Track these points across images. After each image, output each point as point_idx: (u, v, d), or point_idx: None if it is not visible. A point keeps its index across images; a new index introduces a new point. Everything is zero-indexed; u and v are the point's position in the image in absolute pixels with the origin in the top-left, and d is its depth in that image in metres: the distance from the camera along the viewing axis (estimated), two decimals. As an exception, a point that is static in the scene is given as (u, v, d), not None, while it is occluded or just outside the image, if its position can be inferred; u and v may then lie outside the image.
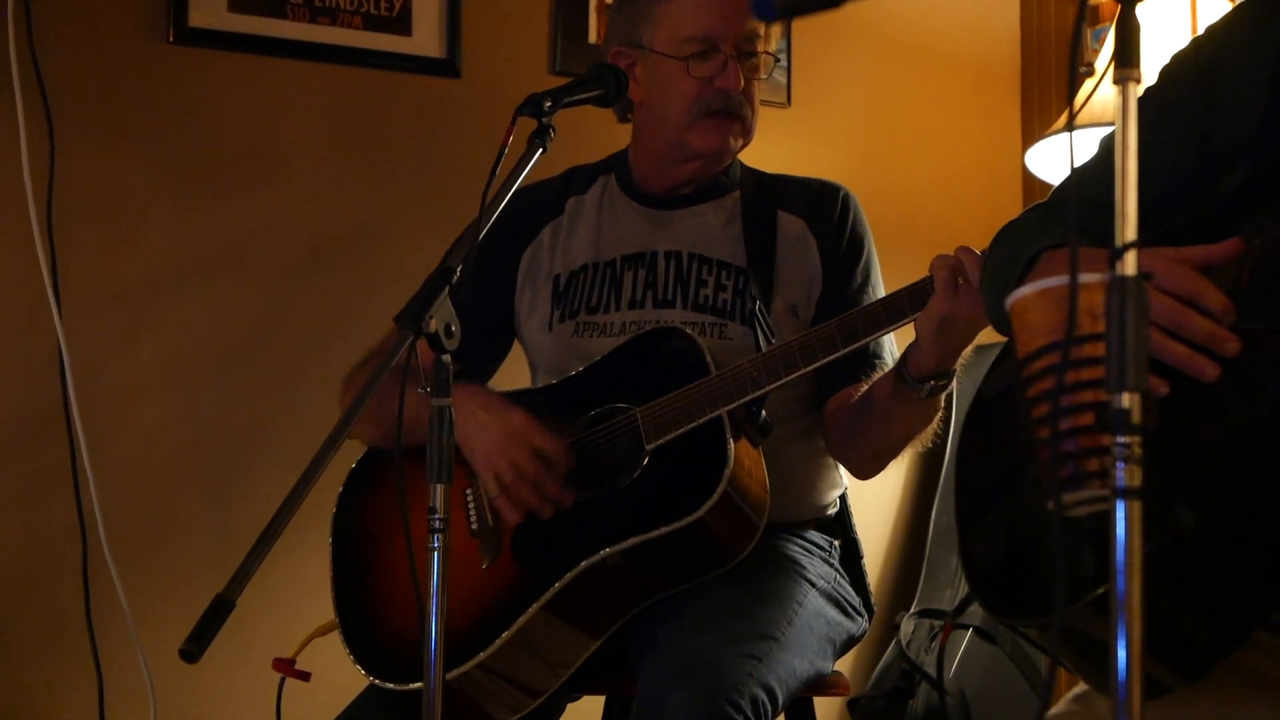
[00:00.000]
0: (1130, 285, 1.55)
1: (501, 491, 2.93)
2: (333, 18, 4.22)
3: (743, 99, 3.14)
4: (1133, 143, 1.57)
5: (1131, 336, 1.54)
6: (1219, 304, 1.91)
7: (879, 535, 4.80)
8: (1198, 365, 1.88)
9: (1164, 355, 1.89)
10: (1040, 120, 5.00)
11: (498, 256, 3.27)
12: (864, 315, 2.84)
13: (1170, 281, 1.91)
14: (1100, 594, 1.80)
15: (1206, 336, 1.89)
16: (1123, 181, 1.57)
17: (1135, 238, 1.56)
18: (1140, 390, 1.54)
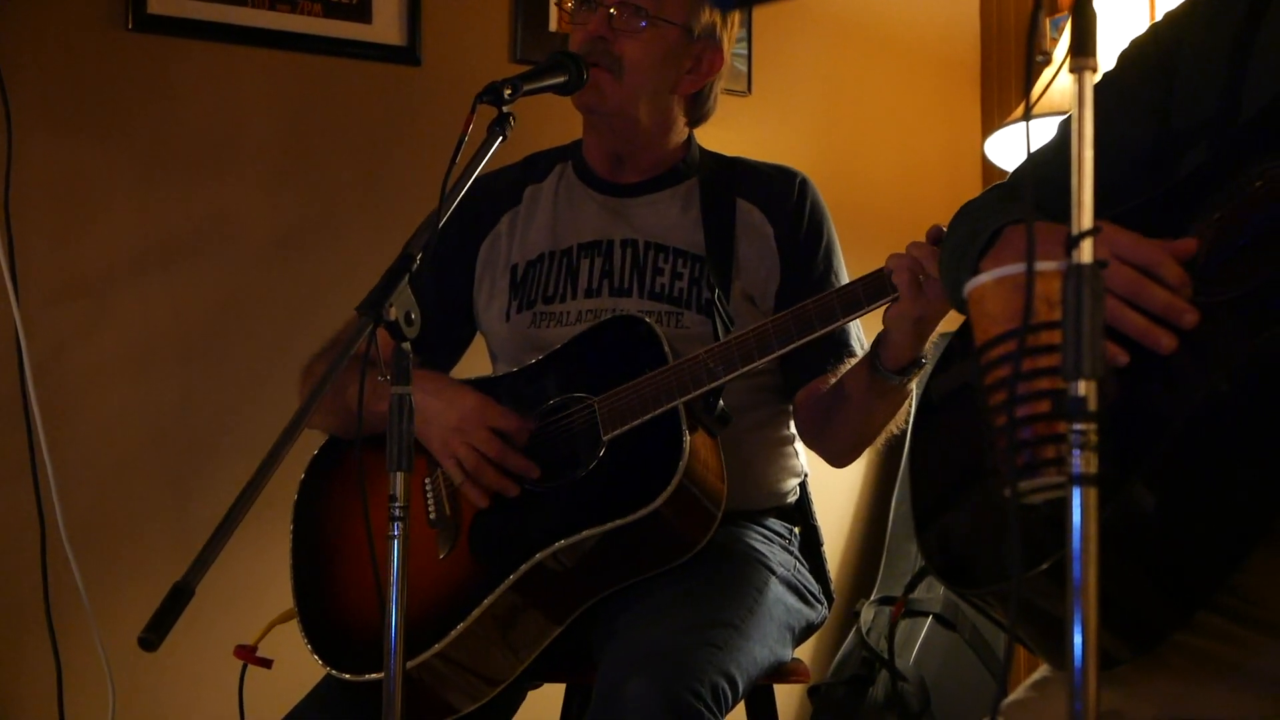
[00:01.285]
0: (1086, 273, 1.55)
1: (465, 477, 2.93)
2: (292, 5, 4.21)
3: (593, 46, 3.08)
4: (1089, 132, 1.58)
5: (1087, 324, 1.55)
6: (1176, 276, 1.92)
7: (839, 523, 4.81)
8: (1155, 336, 1.89)
9: (1122, 325, 1.90)
10: (1000, 108, 5.01)
11: (457, 246, 3.26)
12: (819, 307, 2.84)
13: (1130, 252, 1.92)
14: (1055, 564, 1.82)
15: (1165, 307, 1.90)
16: (1078, 170, 1.58)
17: (1091, 226, 1.56)
18: (1096, 378, 1.55)
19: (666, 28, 3.09)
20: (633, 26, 3.07)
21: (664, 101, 3.18)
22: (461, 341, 3.38)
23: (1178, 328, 1.90)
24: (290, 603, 3.03)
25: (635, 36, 3.07)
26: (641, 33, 3.07)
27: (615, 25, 3.06)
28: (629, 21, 3.07)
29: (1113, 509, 1.81)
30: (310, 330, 3.30)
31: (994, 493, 1.92)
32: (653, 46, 3.09)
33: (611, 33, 3.06)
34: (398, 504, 2.34)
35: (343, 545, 3.03)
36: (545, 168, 3.35)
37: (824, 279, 3.18)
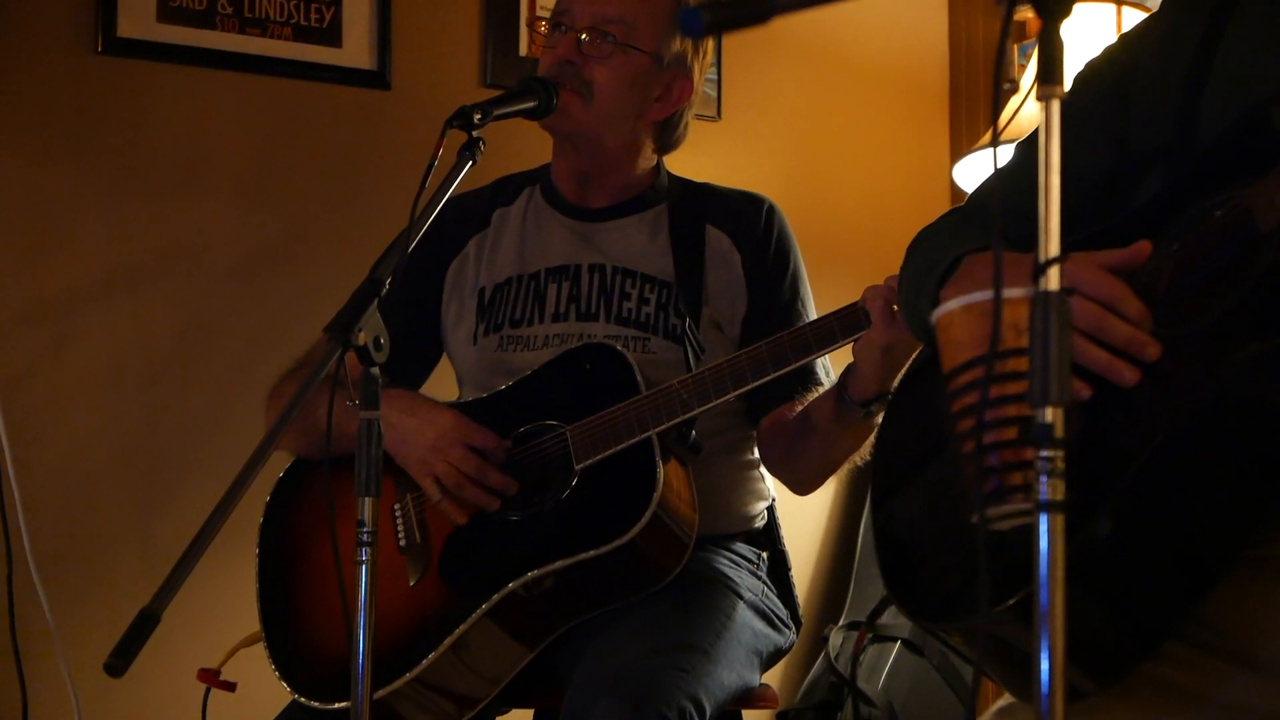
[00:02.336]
0: (1053, 300, 1.56)
1: (444, 495, 2.93)
2: (262, 29, 4.20)
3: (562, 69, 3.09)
4: (1055, 158, 1.58)
5: (1055, 351, 1.55)
6: (1137, 311, 1.92)
7: (807, 547, 4.81)
8: (1117, 370, 1.90)
9: (1085, 360, 1.91)
10: (968, 134, 5.02)
11: (425, 268, 3.25)
12: (793, 340, 2.85)
13: (1091, 288, 1.93)
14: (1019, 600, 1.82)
15: (1127, 341, 1.91)
16: (1046, 197, 1.58)
17: (1059, 253, 1.57)
18: (1063, 405, 1.55)
19: (636, 55, 3.09)
20: (602, 52, 3.07)
21: (631, 127, 3.18)
22: (428, 363, 3.38)
23: (1140, 361, 1.91)
24: (255, 625, 3.02)
25: (605, 62, 3.07)
26: (611, 58, 3.08)
27: (585, 50, 3.07)
28: (599, 47, 3.07)
29: (1078, 544, 1.81)
30: (278, 353, 3.30)
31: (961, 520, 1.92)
32: (622, 72, 3.09)
33: (581, 57, 3.07)
34: (366, 529, 2.33)
35: (310, 570, 3.02)
36: (514, 191, 3.35)
37: (790, 306, 3.19)
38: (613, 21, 3.08)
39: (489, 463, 2.93)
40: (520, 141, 3.41)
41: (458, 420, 2.97)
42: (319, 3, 4.26)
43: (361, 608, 2.31)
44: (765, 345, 2.87)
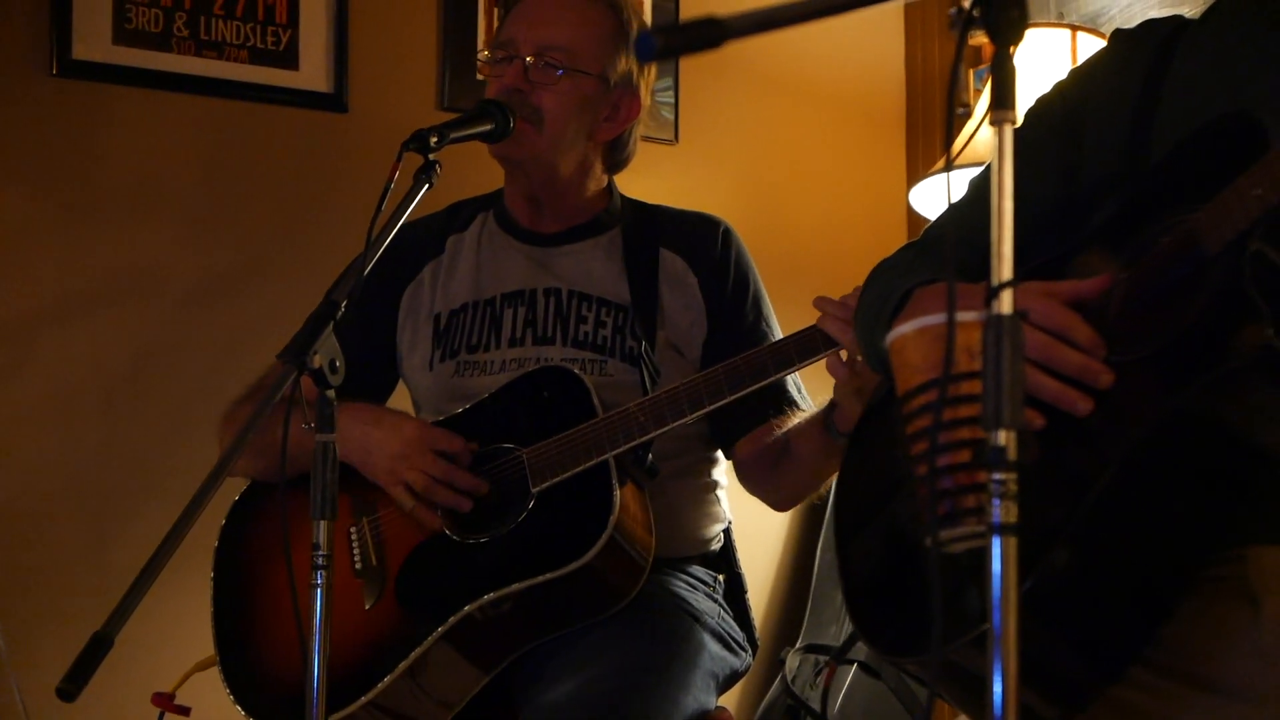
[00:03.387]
0: (1006, 324, 1.57)
1: (416, 501, 2.92)
2: (219, 51, 4.19)
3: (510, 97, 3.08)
4: (1009, 183, 1.59)
5: (1007, 374, 1.56)
6: (1088, 339, 1.94)
7: (764, 570, 4.81)
8: (1070, 399, 1.91)
9: (1037, 390, 1.92)
10: (925, 159, 5.04)
11: (380, 293, 3.25)
12: (749, 363, 2.86)
13: (1042, 317, 1.94)
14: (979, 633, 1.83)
15: (1079, 370, 1.92)
16: (999, 221, 1.59)
17: (1011, 277, 1.58)
18: (1016, 427, 1.56)
19: (582, 78, 3.10)
20: (549, 78, 3.08)
21: (582, 149, 3.19)
22: (385, 388, 3.37)
23: (1093, 389, 1.92)
24: (209, 648, 3.01)
25: (552, 88, 3.08)
26: (558, 84, 3.08)
27: (531, 77, 3.08)
28: (545, 73, 3.08)
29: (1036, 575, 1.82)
30: (234, 378, 3.29)
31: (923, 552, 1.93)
32: (570, 97, 3.10)
33: (528, 85, 3.08)
34: (321, 553, 2.33)
35: (265, 593, 3.01)
36: (467, 218, 3.35)
37: (755, 328, 3.20)
38: (556, 48, 3.09)
39: (457, 465, 2.93)
40: (473, 166, 3.41)
41: (421, 427, 2.98)
42: (276, 25, 4.25)
43: (316, 631, 2.31)
44: (722, 369, 2.88)
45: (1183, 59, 2.21)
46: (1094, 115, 2.27)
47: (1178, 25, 2.30)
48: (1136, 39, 2.31)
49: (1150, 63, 2.23)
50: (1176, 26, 2.29)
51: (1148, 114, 2.19)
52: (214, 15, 4.19)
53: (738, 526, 3.32)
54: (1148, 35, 2.31)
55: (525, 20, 3.15)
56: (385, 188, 2.52)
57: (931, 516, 1.74)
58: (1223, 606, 2.00)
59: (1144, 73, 2.23)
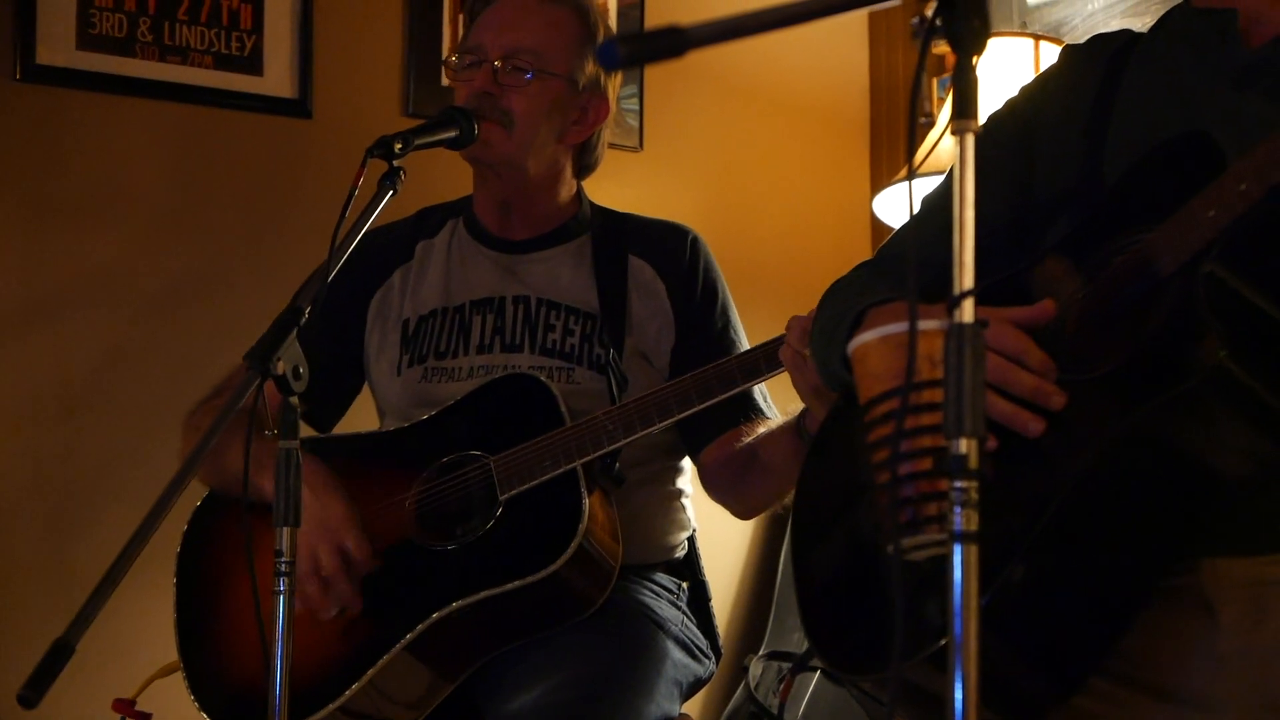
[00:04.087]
0: (968, 332, 1.57)
1: None
2: (183, 57, 4.19)
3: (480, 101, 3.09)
4: (969, 193, 1.60)
5: (969, 383, 1.56)
6: (1040, 361, 1.95)
7: (728, 577, 4.82)
8: (1022, 421, 1.93)
9: (990, 411, 1.92)
10: (889, 167, 5.06)
11: (347, 297, 3.25)
12: (719, 372, 2.87)
13: (995, 340, 1.95)
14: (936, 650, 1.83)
15: (1032, 392, 1.93)
16: (960, 231, 1.59)
17: (972, 286, 1.58)
18: (977, 436, 1.57)
19: (552, 80, 3.11)
20: (518, 81, 3.09)
21: (552, 152, 3.19)
22: (349, 393, 3.37)
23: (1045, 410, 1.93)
24: (171, 655, 3.00)
25: (521, 91, 3.09)
26: (528, 86, 3.09)
27: (501, 80, 3.08)
28: (514, 76, 3.09)
29: (993, 592, 1.83)
30: (198, 383, 3.28)
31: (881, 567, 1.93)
32: (540, 99, 3.11)
33: (498, 88, 3.08)
34: (284, 559, 2.32)
35: (229, 599, 3.01)
36: (437, 223, 3.35)
37: (723, 335, 3.20)
38: (524, 51, 3.10)
39: (347, 572, 2.91)
40: (440, 172, 3.41)
41: (345, 517, 2.93)
42: (240, 31, 4.25)
43: (279, 638, 2.30)
44: (691, 378, 2.89)
45: (1134, 75, 2.22)
46: (1046, 131, 2.28)
47: (1128, 40, 2.31)
48: (1087, 54, 2.33)
49: (1101, 78, 2.25)
50: (1126, 41, 2.30)
51: (1100, 130, 2.20)
52: (178, 21, 4.18)
53: (702, 534, 3.33)
54: (1098, 50, 2.32)
55: (493, 25, 3.15)
56: (349, 194, 2.52)
57: (893, 524, 1.74)
58: (1180, 616, 2.01)
59: (1095, 89, 2.24)
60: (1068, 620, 1.96)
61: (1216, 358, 1.78)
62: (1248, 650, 1.97)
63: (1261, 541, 1.97)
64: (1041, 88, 2.36)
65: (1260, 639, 1.96)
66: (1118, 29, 2.38)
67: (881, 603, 1.99)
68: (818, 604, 2.18)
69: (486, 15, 3.18)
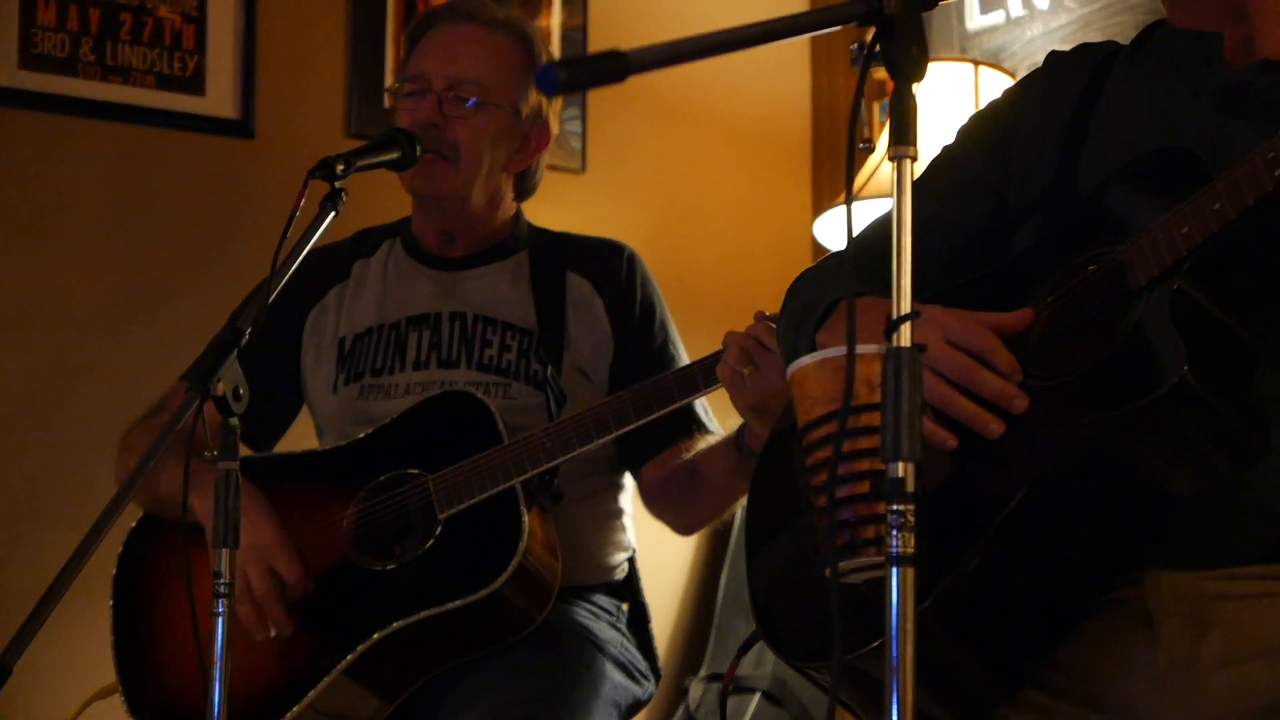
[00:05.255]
0: (905, 357, 1.59)
1: None
2: (125, 76, 4.17)
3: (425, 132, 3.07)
4: (907, 219, 1.61)
5: (906, 407, 1.58)
6: (1007, 363, 1.96)
7: (668, 598, 4.81)
8: (984, 422, 1.94)
9: (953, 410, 1.94)
10: (830, 191, 5.07)
11: (284, 317, 3.23)
12: (656, 388, 2.88)
13: (962, 338, 1.96)
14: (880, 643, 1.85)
15: (995, 394, 1.94)
16: (898, 256, 1.61)
17: (910, 310, 1.60)
18: (914, 460, 1.58)
19: (496, 110, 3.12)
20: (464, 112, 3.09)
21: (496, 181, 3.20)
22: (288, 412, 3.35)
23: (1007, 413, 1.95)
24: (108, 677, 2.99)
25: (466, 122, 3.09)
26: (473, 118, 3.09)
27: (445, 111, 3.09)
28: (459, 107, 3.09)
29: (945, 585, 1.85)
30: (136, 403, 3.27)
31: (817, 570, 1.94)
32: (484, 130, 3.11)
33: (442, 119, 3.08)
34: (223, 581, 2.32)
35: (167, 620, 2.99)
36: (373, 244, 3.34)
37: (662, 351, 3.21)
38: (469, 81, 3.10)
39: (279, 594, 2.91)
40: (381, 194, 3.41)
41: (276, 541, 2.93)
42: (183, 51, 4.24)
43: (218, 660, 2.30)
44: (629, 393, 2.90)
45: (1115, 88, 2.24)
46: (1024, 137, 2.29)
47: (1111, 51, 2.32)
48: (1071, 63, 2.34)
49: (1083, 88, 2.26)
50: (1110, 53, 2.31)
51: (1077, 140, 2.21)
52: (121, 41, 4.17)
53: (642, 555, 3.33)
54: (1082, 60, 2.33)
55: (437, 54, 3.15)
56: (291, 215, 2.52)
57: (831, 547, 1.76)
58: (1121, 629, 2.03)
59: (1076, 98, 2.25)
60: (1015, 620, 1.98)
61: (1180, 373, 1.80)
62: (1187, 665, 1.98)
63: (1204, 556, 1.98)
64: (1024, 92, 2.37)
65: (1199, 654, 1.97)
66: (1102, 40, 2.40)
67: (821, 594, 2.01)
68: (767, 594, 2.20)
69: (429, 41, 3.18)
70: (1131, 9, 4.07)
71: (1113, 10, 4.16)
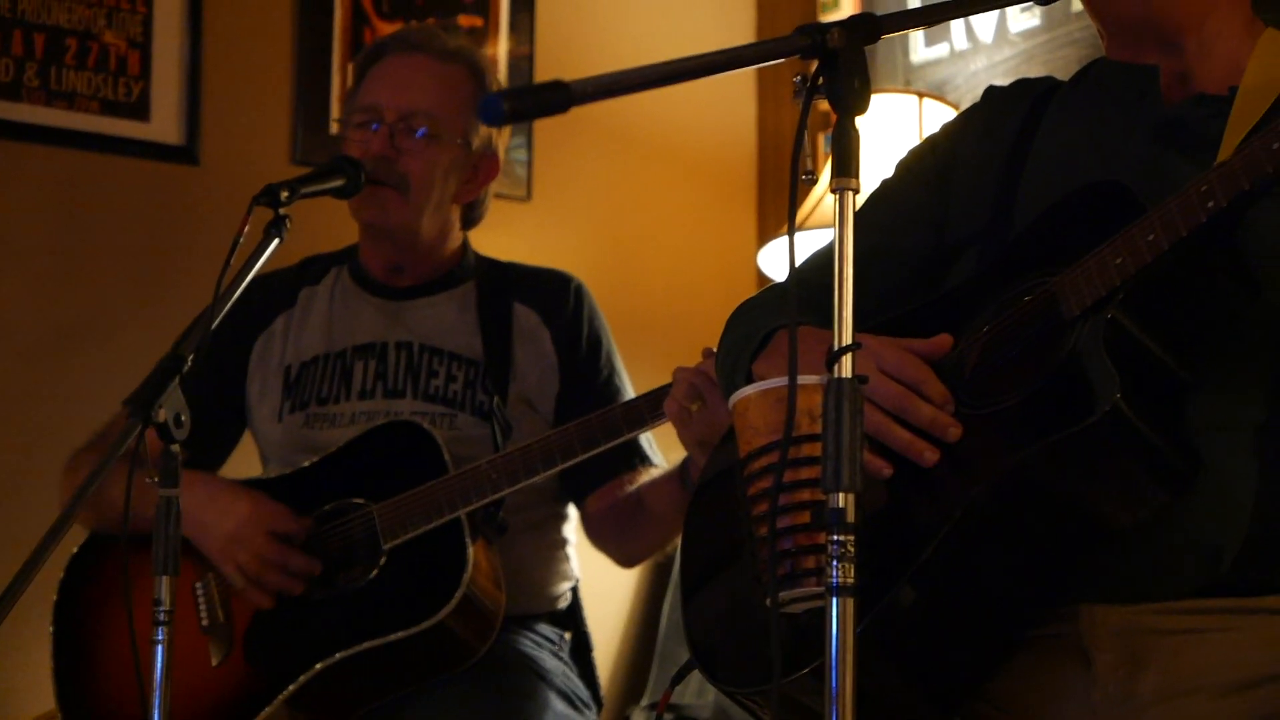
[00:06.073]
0: (846, 388, 1.59)
1: (248, 583, 2.90)
2: (70, 101, 4.15)
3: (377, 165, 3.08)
4: (849, 251, 1.62)
5: (847, 438, 1.58)
6: (939, 394, 1.97)
7: (611, 628, 4.81)
8: (918, 450, 1.94)
9: (887, 439, 1.95)
10: (775, 221, 5.08)
11: (229, 344, 3.22)
12: (603, 421, 2.88)
13: (896, 369, 1.97)
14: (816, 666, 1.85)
15: (929, 423, 1.95)
16: (839, 288, 1.61)
17: (852, 341, 1.60)
18: (855, 490, 1.59)
19: (447, 142, 3.12)
20: (414, 144, 3.09)
21: (445, 212, 3.20)
22: (232, 439, 3.35)
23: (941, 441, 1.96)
24: (48, 705, 2.97)
25: (418, 155, 3.10)
26: (425, 151, 3.10)
27: (397, 143, 3.09)
28: (410, 139, 3.09)
29: (876, 614, 1.86)
30: (79, 430, 3.25)
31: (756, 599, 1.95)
32: (436, 162, 3.12)
33: (394, 151, 3.08)
34: (163, 608, 2.31)
35: (107, 648, 2.98)
36: (320, 272, 3.34)
37: (608, 383, 3.22)
38: (419, 114, 3.11)
39: (291, 546, 2.91)
40: (329, 220, 3.40)
41: (256, 506, 2.95)
42: (128, 77, 4.23)
43: (157, 688, 2.29)
44: (575, 426, 2.90)
45: (1052, 121, 2.26)
46: (962, 171, 2.31)
47: (1050, 86, 2.34)
48: (1009, 97, 2.36)
49: (1021, 123, 2.28)
50: (1049, 88, 2.34)
51: (1014, 174, 2.23)
52: (65, 66, 4.15)
53: (584, 584, 3.33)
54: (1020, 95, 2.35)
55: (388, 85, 3.15)
56: (234, 241, 2.51)
57: (772, 578, 1.76)
58: (1055, 663, 2.03)
59: (1014, 132, 2.27)
60: (947, 648, 1.99)
61: (1112, 402, 1.81)
62: (1123, 700, 1.99)
63: (1139, 590, 1.99)
64: (963, 126, 2.38)
65: (1135, 689, 1.98)
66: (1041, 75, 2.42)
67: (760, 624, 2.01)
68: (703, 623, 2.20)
69: (380, 72, 3.18)
70: (1074, 43, 4.11)
71: (1056, 44, 4.19)
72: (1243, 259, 1.93)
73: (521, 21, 4.79)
